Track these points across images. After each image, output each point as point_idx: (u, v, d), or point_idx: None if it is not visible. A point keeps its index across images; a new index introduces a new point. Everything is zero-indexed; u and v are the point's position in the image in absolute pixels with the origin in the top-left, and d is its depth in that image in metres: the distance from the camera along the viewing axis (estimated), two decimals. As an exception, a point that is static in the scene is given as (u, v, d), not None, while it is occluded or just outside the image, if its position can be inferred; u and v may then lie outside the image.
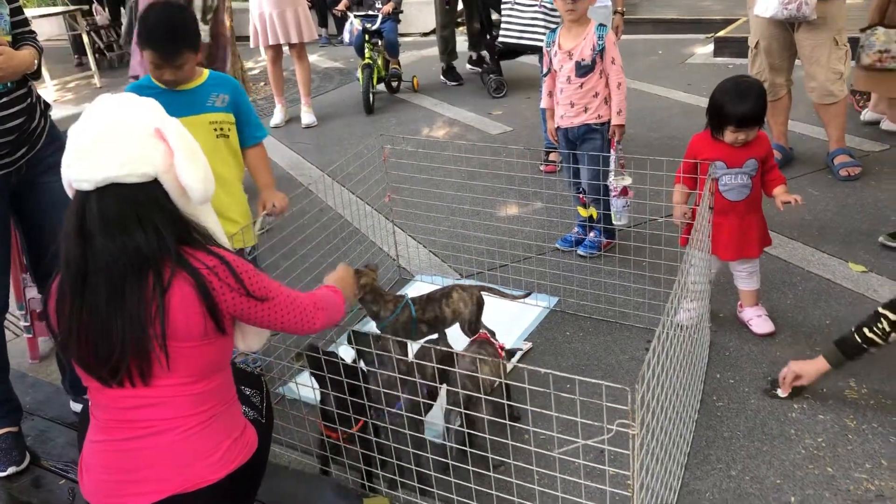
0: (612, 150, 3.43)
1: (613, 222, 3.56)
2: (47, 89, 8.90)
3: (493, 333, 2.76)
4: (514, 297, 3.08)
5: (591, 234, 3.72)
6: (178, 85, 2.59)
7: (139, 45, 2.52)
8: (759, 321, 3.02)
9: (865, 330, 2.40)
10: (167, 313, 1.59)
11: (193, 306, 1.63)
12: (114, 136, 1.60)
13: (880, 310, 2.39)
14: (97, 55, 9.77)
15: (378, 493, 2.34)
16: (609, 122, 3.47)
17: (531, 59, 8.23)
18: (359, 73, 6.91)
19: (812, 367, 2.55)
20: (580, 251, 3.72)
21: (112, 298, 1.59)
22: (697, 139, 2.93)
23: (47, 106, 2.58)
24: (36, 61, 2.42)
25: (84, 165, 1.59)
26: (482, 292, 2.95)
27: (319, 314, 1.87)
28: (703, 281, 2.80)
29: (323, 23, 10.85)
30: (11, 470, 2.53)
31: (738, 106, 2.72)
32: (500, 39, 4.78)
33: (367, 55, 6.66)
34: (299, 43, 6.24)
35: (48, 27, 11.63)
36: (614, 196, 3.45)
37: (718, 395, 2.71)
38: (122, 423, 1.68)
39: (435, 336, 2.78)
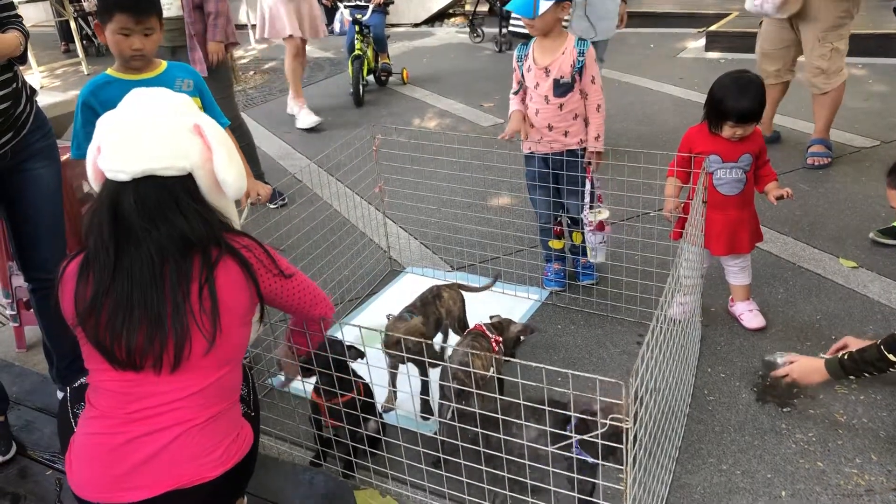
0: (587, 182, 3.10)
1: (589, 261, 3.25)
2: (34, 76, 8.81)
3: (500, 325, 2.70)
4: (480, 289, 3.07)
5: (584, 260, 3.34)
6: (144, 64, 2.53)
7: (103, 18, 2.43)
8: (750, 316, 3.03)
9: (867, 354, 2.29)
10: (215, 289, 1.64)
11: (239, 281, 1.70)
12: (154, 131, 1.64)
13: (882, 349, 2.25)
14: (84, 42, 9.68)
15: (369, 484, 2.32)
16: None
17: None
18: (348, 65, 6.87)
19: (807, 373, 2.47)
20: (584, 281, 3.37)
21: (153, 282, 1.61)
22: (693, 132, 2.92)
23: (33, 91, 2.54)
24: (21, 45, 2.37)
25: (123, 157, 1.62)
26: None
27: (329, 310, 1.99)
28: (695, 275, 2.79)
29: (313, 12, 10.78)
30: (-2, 460, 2.51)
31: (738, 101, 2.71)
32: (510, 29, 4.56)
33: (357, 46, 6.62)
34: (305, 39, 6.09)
35: (35, 13, 11.51)
36: (590, 231, 3.14)
37: (710, 389, 2.71)
38: (125, 414, 1.66)
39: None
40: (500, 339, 2.55)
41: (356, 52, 6.61)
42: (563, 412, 1.97)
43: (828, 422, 2.51)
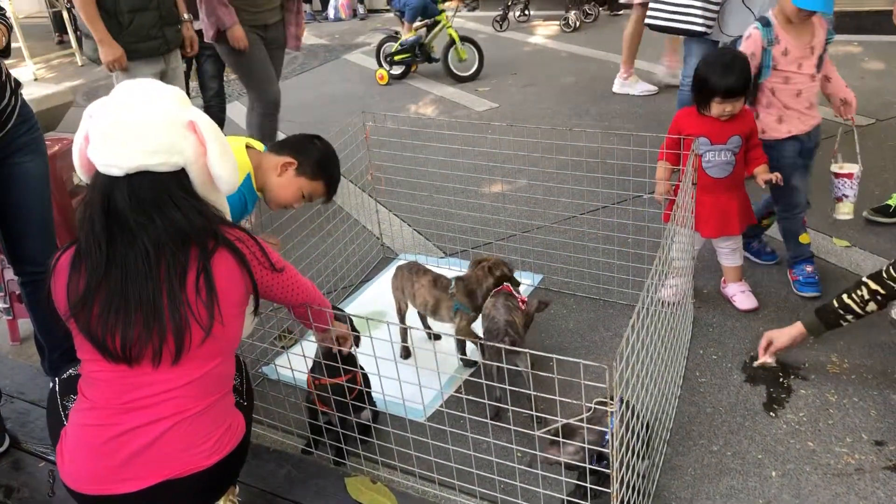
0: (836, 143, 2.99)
1: (840, 217, 3.07)
2: (28, 67, 8.79)
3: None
4: None
5: (810, 269, 3.12)
6: None
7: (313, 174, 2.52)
8: (742, 297, 3.02)
9: (844, 296, 2.43)
10: (212, 279, 1.65)
11: (235, 272, 1.71)
12: (147, 126, 1.63)
13: (863, 279, 2.40)
14: (78, 33, 9.63)
15: (359, 471, 2.33)
16: None
17: (518, 35, 8.19)
18: (419, 39, 6.75)
19: (785, 333, 2.58)
20: (809, 292, 3.08)
21: (148, 275, 1.62)
22: (682, 114, 2.91)
23: (18, 84, 2.52)
24: (4, 39, 2.36)
25: (115, 152, 1.61)
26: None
27: (324, 305, 2.04)
28: (686, 257, 2.79)
29: (307, -1, 10.73)
30: (-9, 452, 2.52)
31: (723, 77, 2.71)
32: (647, 21, 4.09)
33: (443, 19, 6.63)
34: None
35: (27, 4, 11.49)
36: (851, 184, 3.02)
37: (701, 370, 2.71)
38: (118, 405, 1.66)
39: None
40: (525, 298, 2.71)
41: (445, 23, 6.61)
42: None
43: (819, 402, 2.51)
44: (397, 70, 6.82)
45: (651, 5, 3.90)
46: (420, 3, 6.71)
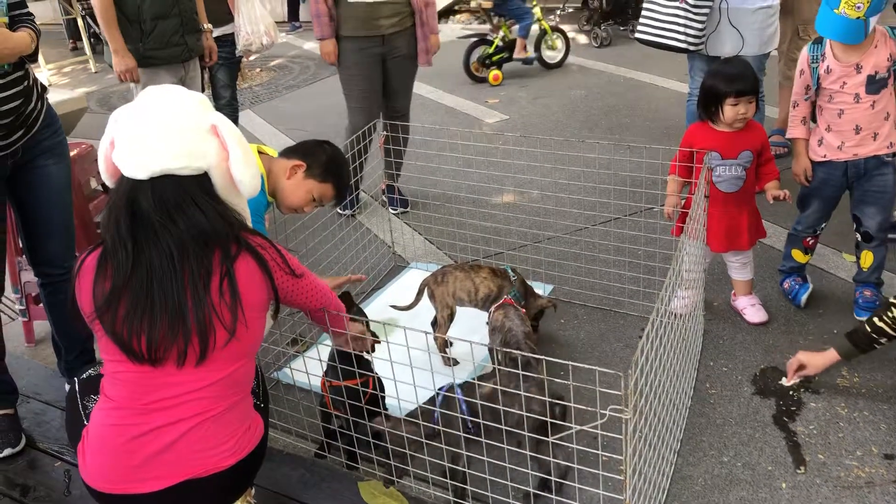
0: None
1: None
2: (42, 74, 8.86)
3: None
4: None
5: (868, 293, 3.01)
6: None
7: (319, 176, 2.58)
8: (752, 310, 3.04)
9: (876, 319, 2.39)
10: (236, 283, 1.68)
11: (257, 277, 1.73)
12: (172, 130, 1.66)
13: (892, 300, 2.38)
14: (92, 40, 9.73)
15: (372, 475, 2.35)
16: None
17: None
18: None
19: (820, 359, 2.54)
20: (862, 317, 2.91)
21: (173, 276, 1.64)
22: (694, 129, 2.94)
23: (44, 89, 2.57)
24: (33, 44, 2.40)
25: (140, 156, 1.64)
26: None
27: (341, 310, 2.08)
28: (697, 270, 2.81)
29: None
30: (7, 452, 2.53)
31: (731, 77, 2.75)
32: (636, 35, 4.13)
33: (537, 13, 7.16)
34: None
35: (42, 11, 11.59)
36: None
37: (711, 382, 2.73)
38: (141, 405, 1.69)
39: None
40: (525, 311, 2.84)
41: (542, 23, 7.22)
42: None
43: (829, 414, 2.53)
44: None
45: (640, 19, 3.97)
46: (532, 17, 7.11)
